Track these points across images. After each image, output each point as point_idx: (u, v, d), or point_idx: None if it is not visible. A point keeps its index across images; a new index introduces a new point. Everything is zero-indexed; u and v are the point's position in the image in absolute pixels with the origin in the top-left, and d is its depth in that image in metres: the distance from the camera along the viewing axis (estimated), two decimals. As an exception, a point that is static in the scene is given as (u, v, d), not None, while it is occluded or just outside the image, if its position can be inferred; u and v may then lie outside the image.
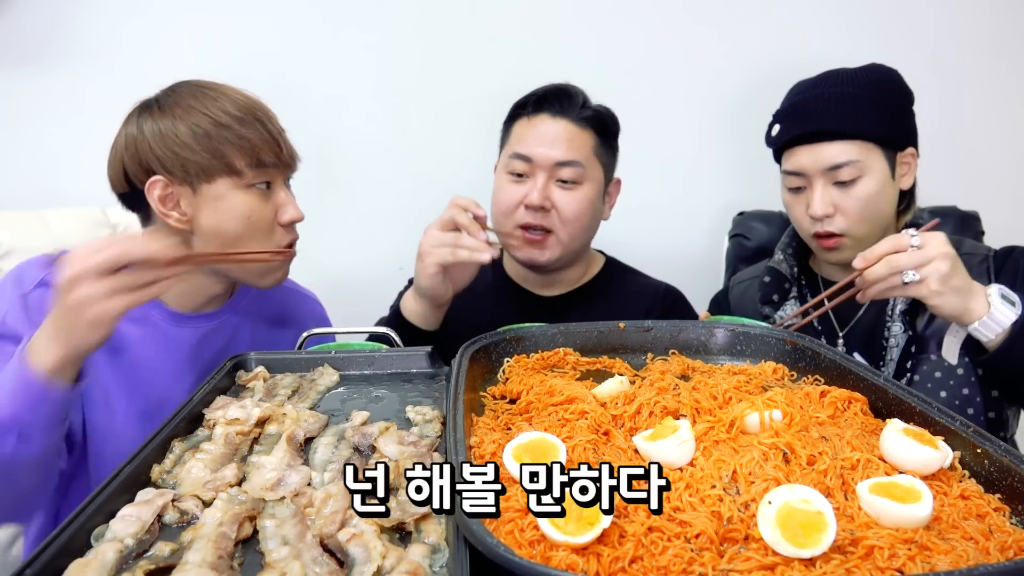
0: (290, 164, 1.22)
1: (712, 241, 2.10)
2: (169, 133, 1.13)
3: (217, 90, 1.19)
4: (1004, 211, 1.84)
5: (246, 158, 1.14)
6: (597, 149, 1.46)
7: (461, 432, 0.76)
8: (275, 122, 1.21)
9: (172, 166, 1.13)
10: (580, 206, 1.43)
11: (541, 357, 1.10)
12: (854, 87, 1.34)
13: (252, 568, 0.63)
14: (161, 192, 1.14)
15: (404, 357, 1.12)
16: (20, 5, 1.87)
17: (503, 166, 1.47)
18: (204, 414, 0.91)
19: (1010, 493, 0.69)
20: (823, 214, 1.32)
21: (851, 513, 0.66)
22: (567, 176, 1.41)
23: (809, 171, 1.33)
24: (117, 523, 0.66)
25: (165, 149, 1.13)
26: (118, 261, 0.88)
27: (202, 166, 1.13)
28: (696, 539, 0.63)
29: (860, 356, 1.39)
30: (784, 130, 1.38)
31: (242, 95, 1.21)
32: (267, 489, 0.74)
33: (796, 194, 1.39)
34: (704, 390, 0.93)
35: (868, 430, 0.83)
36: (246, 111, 1.17)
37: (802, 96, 1.39)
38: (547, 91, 1.46)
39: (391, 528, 0.68)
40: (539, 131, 1.42)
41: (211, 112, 1.15)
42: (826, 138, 1.31)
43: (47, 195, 1.88)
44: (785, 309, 1.46)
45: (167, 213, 1.15)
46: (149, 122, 1.16)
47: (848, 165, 1.30)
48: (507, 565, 0.54)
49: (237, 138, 1.14)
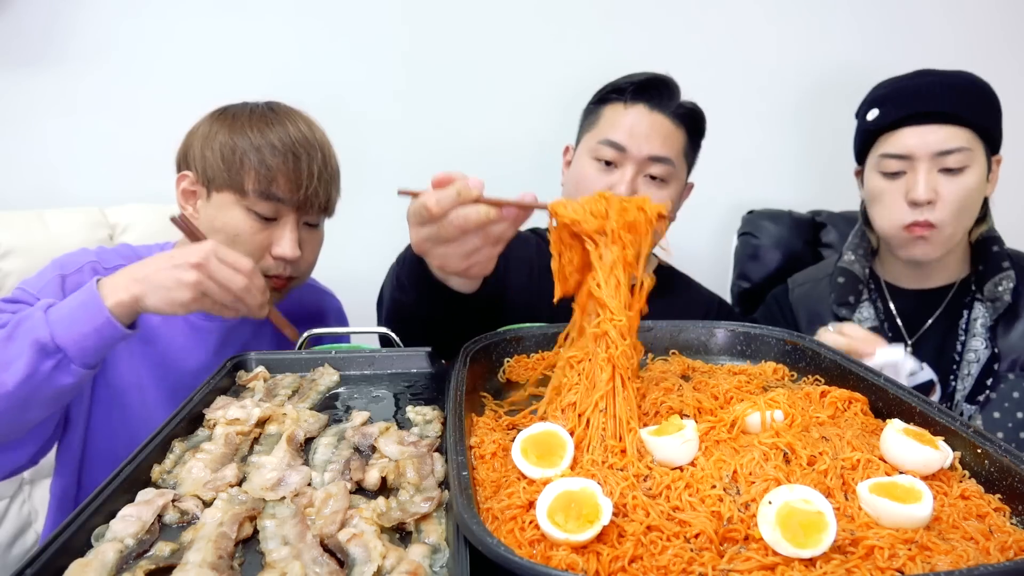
0: (305, 207, 1.23)
1: (721, 239, 2.10)
2: (211, 138, 1.22)
3: (286, 117, 1.25)
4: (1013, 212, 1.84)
5: (258, 184, 1.19)
6: (686, 148, 1.43)
7: (461, 432, 0.76)
8: (318, 163, 1.23)
9: (199, 166, 1.22)
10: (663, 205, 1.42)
11: (541, 357, 1.10)
12: (959, 79, 1.31)
13: (252, 568, 0.63)
14: (187, 187, 1.26)
15: (404, 357, 1.12)
16: (19, 5, 1.87)
17: (589, 150, 1.40)
18: (204, 414, 0.91)
19: (1010, 493, 0.69)
20: (927, 199, 1.27)
21: (851, 513, 0.66)
22: (656, 172, 1.37)
23: (917, 154, 1.28)
24: (117, 523, 0.66)
25: (201, 150, 1.23)
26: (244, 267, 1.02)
27: (217, 175, 1.21)
28: (696, 539, 0.63)
29: (929, 368, 1.37)
30: (888, 111, 1.32)
31: (304, 129, 1.25)
32: (267, 489, 0.74)
33: (892, 179, 1.32)
34: (705, 390, 0.93)
35: (868, 430, 0.83)
36: (291, 144, 1.21)
37: (905, 82, 1.35)
38: (646, 80, 1.40)
39: (391, 528, 0.68)
40: (635, 121, 1.37)
41: (254, 134, 1.21)
42: (937, 120, 1.27)
43: (46, 195, 1.88)
44: (860, 311, 1.44)
45: (185, 206, 1.27)
46: (210, 123, 1.25)
47: (959, 152, 1.26)
48: (507, 565, 0.54)
49: (259, 163, 1.19)
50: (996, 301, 1.35)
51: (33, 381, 0.96)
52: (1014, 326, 1.33)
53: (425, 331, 1.13)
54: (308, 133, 1.24)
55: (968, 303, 1.40)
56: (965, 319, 1.36)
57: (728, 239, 2.03)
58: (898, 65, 1.41)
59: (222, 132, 1.22)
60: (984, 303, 1.37)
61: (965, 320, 1.36)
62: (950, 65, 1.36)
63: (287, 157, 1.20)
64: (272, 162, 1.19)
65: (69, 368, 0.98)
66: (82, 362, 0.98)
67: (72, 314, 0.97)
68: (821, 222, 1.94)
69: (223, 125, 1.23)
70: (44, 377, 0.96)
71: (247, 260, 1.04)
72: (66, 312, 0.98)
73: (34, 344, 0.95)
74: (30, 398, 0.97)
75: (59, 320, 0.97)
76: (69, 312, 0.98)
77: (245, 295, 1.03)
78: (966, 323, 1.36)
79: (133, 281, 0.99)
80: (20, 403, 0.97)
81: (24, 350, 0.95)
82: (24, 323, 0.98)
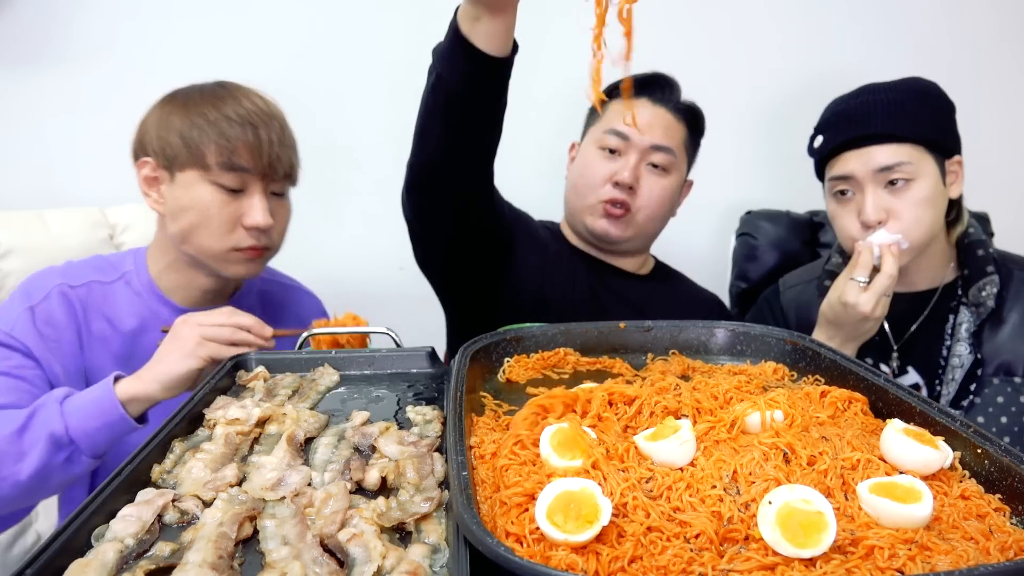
0: (269, 173, 1.24)
1: (719, 240, 2.10)
2: (166, 120, 1.22)
3: (236, 92, 1.25)
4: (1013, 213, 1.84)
5: (220, 156, 1.19)
6: (686, 142, 1.50)
7: (461, 432, 0.76)
8: (276, 132, 1.24)
9: (158, 150, 1.22)
10: (664, 193, 1.47)
11: (541, 357, 1.10)
12: (898, 93, 1.31)
13: (252, 568, 0.63)
14: (148, 173, 1.25)
15: (404, 357, 1.12)
16: (19, 5, 1.87)
17: (596, 140, 1.48)
18: (204, 414, 0.91)
19: (1010, 493, 0.69)
20: (876, 219, 1.28)
21: (851, 513, 0.66)
22: (658, 161, 1.44)
23: (858, 175, 1.29)
24: (117, 523, 0.66)
25: (157, 134, 1.23)
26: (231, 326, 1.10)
27: (178, 154, 1.20)
28: (696, 539, 0.63)
29: (915, 371, 1.37)
30: (829, 138, 1.34)
31: (259, 101, 1.26)
32: (267, 489, 0.74)
33: (843, 200, 1.34)
34: (704, 390, 0.93)
35: (868, 430, 0.83)
36: (247, 115, 1.21)
37: (845, 105, 1.36)
38: (648, 77, 1.49)
39: (391, 528, 0.68)
40: (638, 112, 1.44)
41: (208, 109, 1.21)
42: (875, 142, 1.28)
43: (45, 195, 1.88)
44: None
45: (148, 193, 1.26)
46: (161, 108, 1.25)
47: (900, 166, 1.26)
48: (507, 565, 0.54)
49: (218, 135, 1.19)
50: (980, 306, 1.34)
51: (45, 471, 1.00)
52: (998, 331, 1.33)
53: (458, 126, 1.18)
54: (262, 105, 1.25)
55: (954, 308, 1.39)
56: (951, 324, 1.35)
57: (726, 239, 2.03)
58: (896, 66, 1.41)
59: (176, 114, 1.22)
60: (969, 307, 1.36)
61: (951, 325, 1.35)
62: (945, 66, 1.37)
63: (245, 128, 1.20)
64: (231, 133, 1.19)
65: (80, 460, 1.02)
66: (91, 453, 1.03)
67: (86, 408, 1.02)
68: (819, 222, 1.94)
69: (176, 107, 1.23)
70: (56, 468, 1.01)
71: (222, 312, 1.11)
72: (80, 406, 1.02)
73: (49, 438, 1.00)
74: (41, 487, 1.03)
75: (73, 413, 1.01)
76: (83, 406, 1.02)
77: (238, 335, 1.09)
78: (951, 328, 1.35)
79: (151, 381, 1.05)
80: (31, 491, 1.03)
81: (38, 442, 1.00)
82: (39, 413, 1.02)
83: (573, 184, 1.54)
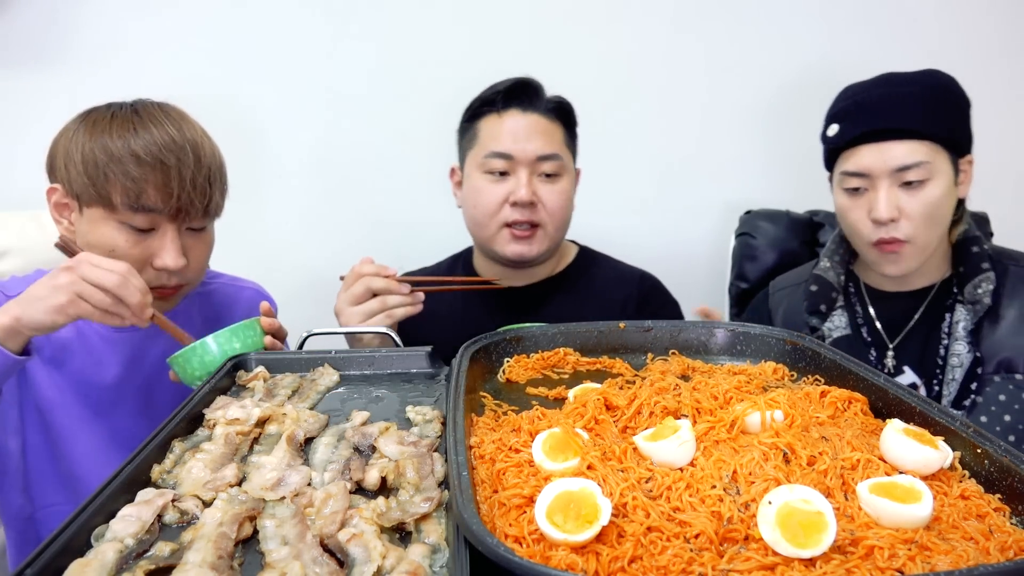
0: (181, 215, 1.16)
1: (718, 240, 2.10)
2: (73, 149, 1.15)
3: (151, 120, 1.16)
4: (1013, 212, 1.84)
5: (126, 197, 1.12)
6: (566, 140, 1.46)
7: (461, 432, 0.76)
8: (189, 168, 1.15)
9: (64, 180, 1.16)
10: (563, 198, 1.45)
11: (541, 357, 1.10)
12: (919, 87, 1.29)
13: (252, 568, 0.63)
14: (59, 199, 1.19)
15: (404, 357, 1.12)
16: (19, 5, 1.87)
17: (479, 166, 1.44)
18: (204, 414, 0.91)
19: (1010, 493, 0.69)
20: (889, 217, 1.26)
21: (851, 513, 0.66)
22: (549, 169, 1.41)
23: (875, 172, 1.27)
24: (117, 523, 0.66)
25: (64, 163, 1.16)
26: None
27: (83, 192, 1.14)
28: (696, 539, 0.63)
29: (912, 371, 1.36)
30: (846, 129, 1.31)
31: (173, 132, 1.16)
32: (267, 489, 0.74)
33: (854, 196, 1.31)
34: (704, 390, 0.93)
35: (868, 430, 0.83)
36: (156, 151, 1.13)
37: (865, 95, 1.32)
38: (511, 85, 1.44)
39: (391, 528, 0.68)
40: (513, 126, 1.40)
41: (116, 143, 1.13)
42: (894, 137, 1.25)
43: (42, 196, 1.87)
44: (832, 320, 1.42)
45: (59, 220, 1.20)
46: (72, 131, 1.17)
47: (918, 166, 1.24)
48: (507, 565, 0.54)
49: (123, 175, 1.12)
50: (976, 304, 1.33)
51: None
52: (996, 328, 1.31)
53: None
54: (176, 135, 1.15)
55: (950, 306, 1.37)
56: (947, 322, 1.34)
57: (726, 239, 2.03)
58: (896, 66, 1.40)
59: (84, 142, 1.14)
60: (965, 305, 1.34)
61: (947, 323, 1.34)
62: (945, 66, 1.35)
63: (155, 166, 1.12)
64: (137, 173, 1.11)
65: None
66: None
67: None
68: (819, 222, 1.93)
69: (84, 133, 1.15)
70: None
71: (123, 263, 1.03)
72: None
73: None
74: None
75: None
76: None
77: (122, 292, 1.00)
78: (948, 326, 1.33)
79: (12, 304, 1.00)
80: None
81: None
82: None
83: (471, 216, 1.48)
